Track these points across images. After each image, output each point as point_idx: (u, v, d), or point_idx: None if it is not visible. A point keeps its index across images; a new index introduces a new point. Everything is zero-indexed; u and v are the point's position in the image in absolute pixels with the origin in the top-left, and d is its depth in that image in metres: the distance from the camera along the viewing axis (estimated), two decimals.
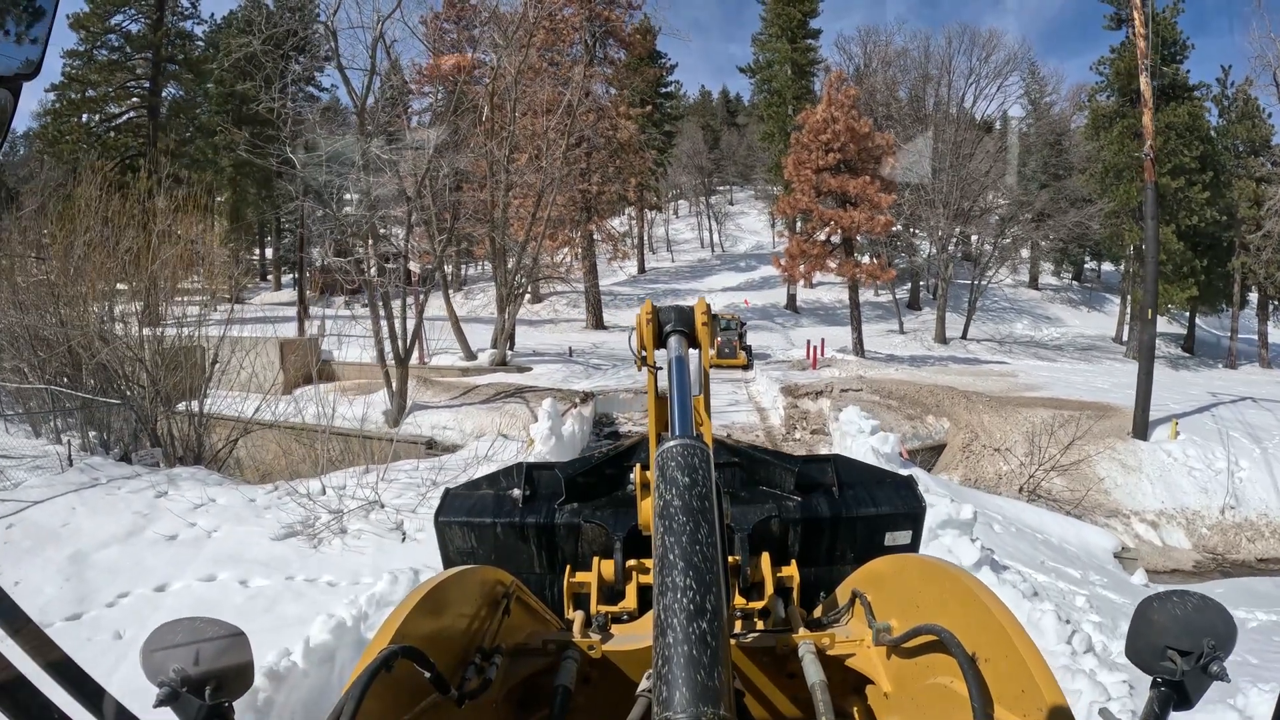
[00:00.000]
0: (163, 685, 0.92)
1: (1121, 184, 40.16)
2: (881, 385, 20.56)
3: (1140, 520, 16.82)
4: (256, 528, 8.70)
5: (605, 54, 38.90)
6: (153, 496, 11.01)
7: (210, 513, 9.88)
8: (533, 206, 22.78)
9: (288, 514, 9.04)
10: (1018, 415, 17.93)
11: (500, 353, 23.76)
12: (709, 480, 1.08)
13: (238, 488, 11.23)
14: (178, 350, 15.10)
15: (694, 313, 2.07)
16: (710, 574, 0.91)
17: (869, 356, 29.63)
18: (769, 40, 48.36)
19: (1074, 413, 18.84)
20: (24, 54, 0.76)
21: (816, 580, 2.63)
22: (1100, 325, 45.59)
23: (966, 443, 17.35)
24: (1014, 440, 17.09)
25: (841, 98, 27.80)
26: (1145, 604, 1.06)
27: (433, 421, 16.62)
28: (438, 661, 1.33)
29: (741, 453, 3.15)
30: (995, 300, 44.06)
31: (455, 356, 24.51)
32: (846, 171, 27.82)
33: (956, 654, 1.24)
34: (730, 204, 70.37)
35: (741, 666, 1.83)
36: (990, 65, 42.91)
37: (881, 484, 2.89)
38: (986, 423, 17.71)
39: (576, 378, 22.78)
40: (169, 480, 11.69)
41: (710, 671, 0.78)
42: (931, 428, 18.21)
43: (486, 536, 2.84)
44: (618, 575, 2.35)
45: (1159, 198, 40.32)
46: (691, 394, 1.70)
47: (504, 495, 2.92)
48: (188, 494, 10.76)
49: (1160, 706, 1.01)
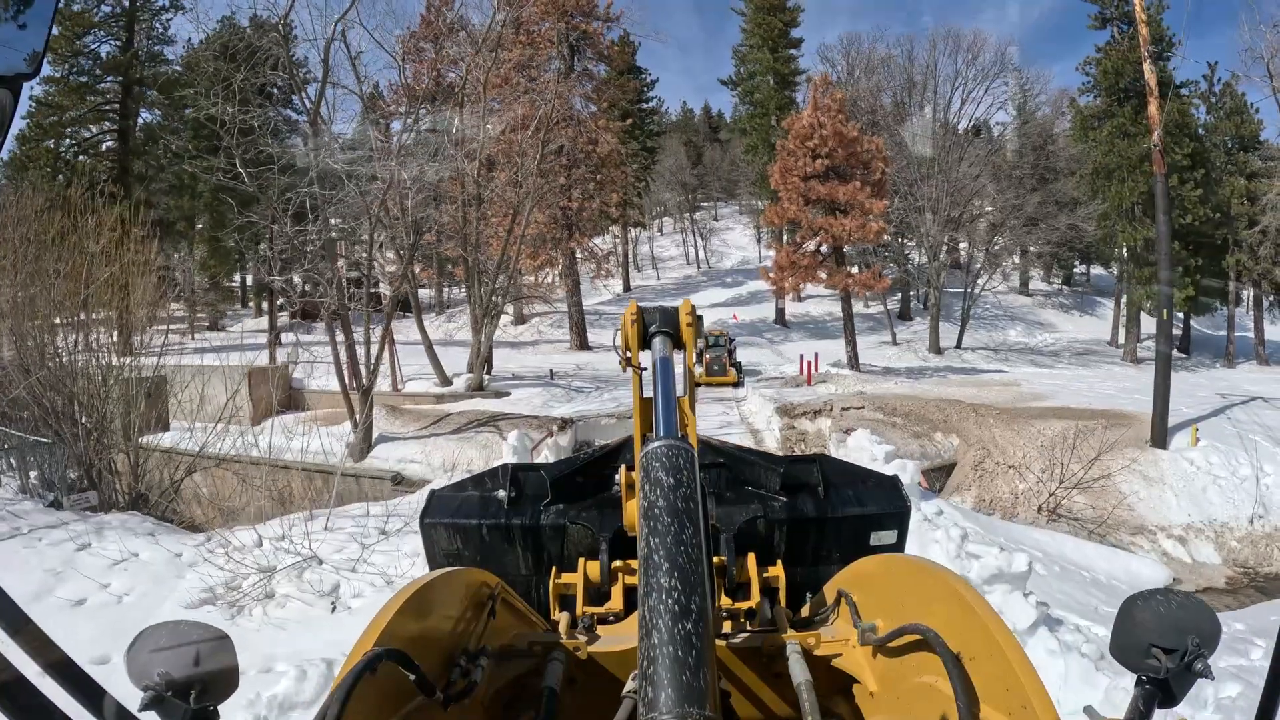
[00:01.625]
0: (147, 689, 0.93)
1: (1113, 184, 39.74)
2: (884, 401, 19.34)
3: (1167, 536, 15.70)
4: (175, 591, 7.41)
5: (584, 68, 38.34)
6: (73, 550, 9.72)
7: (129, 571, 8.58)
8: (509, 223, 21.61)
9: (213, 573, 7.75)
10: (1030, 428, 16.76)
11: (477, 377, 22.41)
12: (694, 481, 1.08)
13: (170, 537, 9.92)
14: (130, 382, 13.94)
15: (679, 314, 2.11)
16: (695, 575, 0.91)
17: (865, 370, 28.45)
18: (750, 51, 47.89)
19: (1087, 423, 17.74)
20: (24, 54, 0.75)
21: (803, 580, 2.58)
22: (1093, 329, 45.15)
23: (978, 460, 16.13)
24: (1028, 455, 15.91)
25: (828, 102, 26.71)
26: (1129, 602, 1.07)
27: (399, 454, 15.28)
28: (423, 664, 1.28)
29: (726, 453, 3.05)
30: (987, 308, 43.26)
31: (430, 382, 23.14)
32: (835, 178, 26.67)
33: (941, 653, 1.22)
34: (715, 220, 69.88)
35: (728, 666, 1.79)
36: (976, 68, 42.22)
37: (867, 484, 2.85)
38: (998, 438, 16.50)
39: (557, 402, 21.44)
40: (96, 530, 10.40)
41: (696, 672, 0.79)
42: (940, 446, 16.99)
43: (472, 538, 2.82)
44: (603, 576, 2.29)
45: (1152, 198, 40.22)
46: (676, 394, 1.73)
47: (489, 496, 2.88)
48: (111, 547, 9.47)
49: (1145, 704, 1.03)
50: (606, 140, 34.31)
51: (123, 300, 13.95)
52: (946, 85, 42.64)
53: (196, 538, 9.49)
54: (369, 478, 14.38)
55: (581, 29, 37.12)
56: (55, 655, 0.89)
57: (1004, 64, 42.55)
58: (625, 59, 45.00)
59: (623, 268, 54.26)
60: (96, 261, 12.81)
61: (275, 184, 14.12)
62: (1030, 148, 42.54)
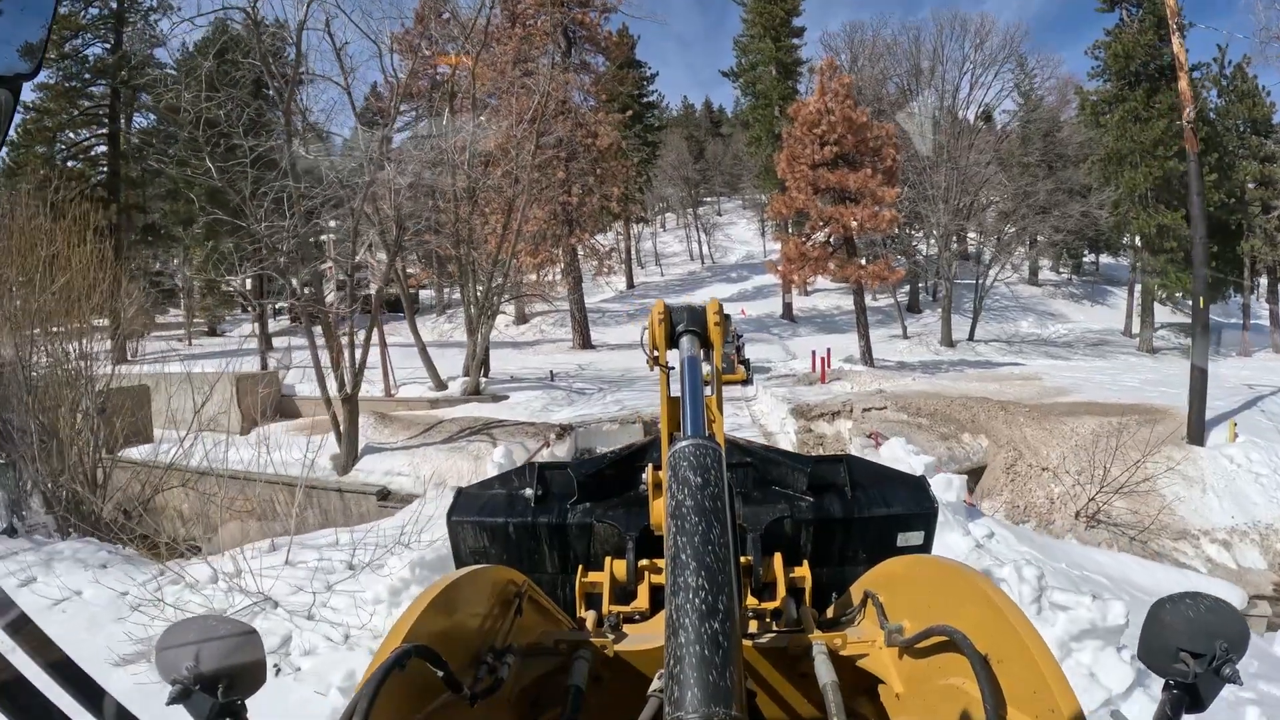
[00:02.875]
0: (175, 683, 0.94)
1: (1125, 170, 38.75)
2: (906, 400, 18.08)
3: (1210, 541, 14.64)
4: (108, 640, 6.40)
5: (581, 59, 37.44)
6: (15, 585, 8.75)
7: (68, 614, 7.58)
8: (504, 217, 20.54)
9: (157, 617, 6.76)
10: (1062, 426, 15.64)
11: (473, 381, 21.33)
12: (721, 481, 1.08)
13: (122, 569, 8.91)
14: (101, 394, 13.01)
15: (706, 313, 2.08)
16: (722, 574, 0.90)
17: (879, 365, 27.34)
18: (751, 41, 46.91)
19: (1118, 419, 16.65)
20: (24, 54, 0.75)
21: (829, 581, 2.56)
22: (1105, 319, 43.99)
23: (1010, 463, 15.00)
24: (1061, 456, 14.80)
25: (836, 86, 25.44)
26: (1158, 606, 1.06)
27: (387, 466, 14.22)
28: (450, 661, 1.30)
29: (753, 453, 3.06)
30: (997, 299, 42.16)
31: (424, 387, 22.10)
32: (845, 165, 25.48)
33: (969, 655, 1.21)
34: (718, 215, 68.94)
35: (754, 666, 1.79)
36: (985, 52, 41.00)
37: (894, 484, 2.83)
38: (1029, 437, 15.38)
39: (557, 405, 20.35)
40: (46, 561, 9.41)
41: (722, 672, 0.78)
42: (969, 447, 15.82)
43: (499, 536, 2.84)
44: (630, 575, 2.30)
45: (1167, 183, 39.34)
46: (703, 394, 1.71)
47: (516, 494, 2.90)
48: (56, 582, 8.50)
49: (1173, 709, 1.01)
50: (606, 133, 33.30)
51: (80, 309, 12.96)
52: (954, 71, 41.42)
53: (151, 569, 8.49)
54: (353, 492, 13.37)
55: (577, 19, 36.24)
56: (55, 655, 0.88)
57: (1013, 48, 41.29)
58: (624, 51, 44.13)
59: (626, 264, 53.39)
60: (50, 268, 11.80)
61: (247, 177, 13.11)
62: (1039, 134, 41.39)
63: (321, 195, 14.17)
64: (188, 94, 13.84)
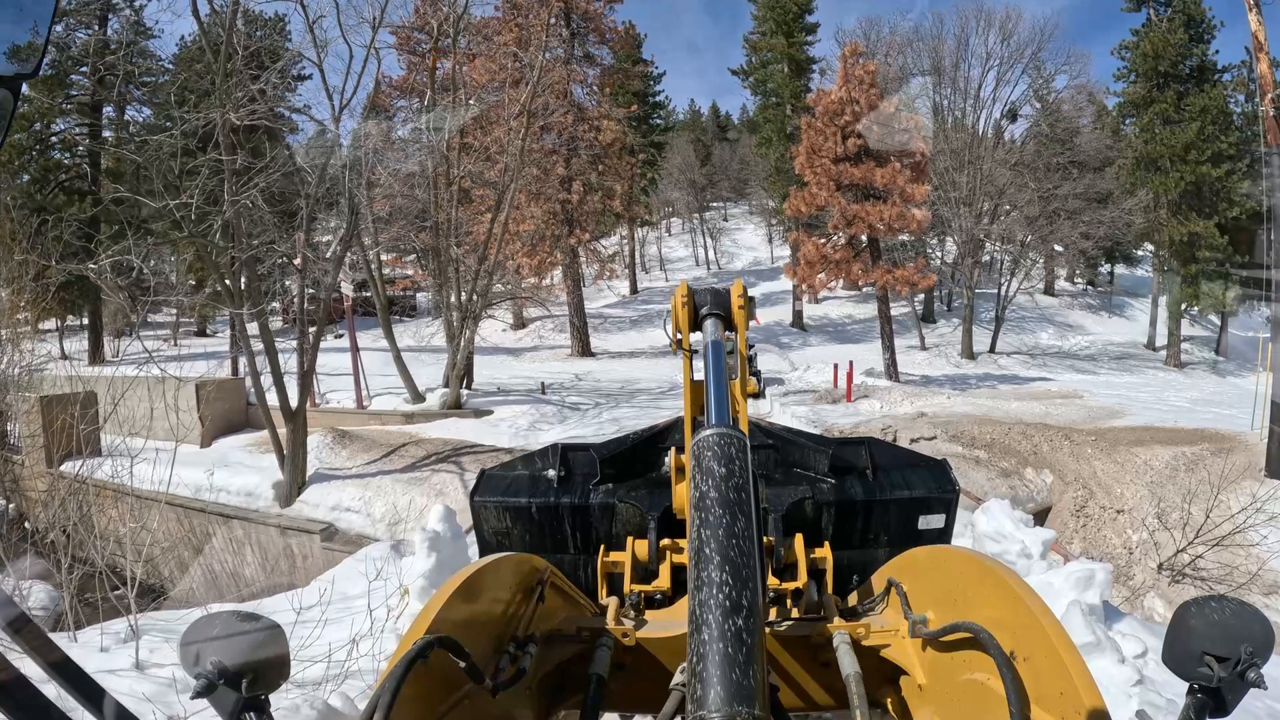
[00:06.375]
0: (199, 677, 0.93)
1: (1155, 175, 36.88)
2: (957, 428, 15.52)
3: None
4: None
5: (585, 52, 35.64)
6: None
7: None
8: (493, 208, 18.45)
9: None
10: (1134, 459, 13.39)
11: (453, 393, 19.09)
12: (746, 471, 1.05)
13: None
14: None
15: (730, 295, 2.08)
16: (747, 569, 0.88)
17: (904, 379, 25.08)
18: (762, 39, 44.98)
19: (1189, 448, 14.49)
20: (24, 53, 0.74)
21: (850, 563, 2.55)
22: (1125, 331, 42.08)
23: (1080, 504, 12.73)
24: (1138, 495, 12.58)
25: (860, 73, 23.22)
26: (1183, 609, 1.04)
27: (336, 499, 12.03)
28: (472, 650, 1.29)
29: (775, 435, 3.03)
30: (1014, 309, 40.02)
31: (401, 398, 19.90)
32: (870, 159, 23.30)
33: (993, 652, 1.19)
34: (725, 220, 67.13)
35: (776, 655, 1.78)
36: (1010, 46, 38.78)
37: (915, 467, 2.80)
38: (1099, 473, 13.13)
39: (546, 423, 18.13)
40: None
41: (745, 670, 0.76)
42: (1033, 485, 13.55)
43: (521, 516, 2.81)
44: (651, 555, 2.27)
45: (1198, 190, 37.38)
46: (728, 379, 1.66)
47: (539, 475, 2.87)
48: None
49: (1196, 713, 0.99)
50: (610, 127, 31.33)
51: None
52: (978, 66, 39.20)
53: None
54: (295, 530, 11.24)
55: (583, 10, 34.48)
56: (55, 655, 0.87)
57: (1042, 41, 39.22)
58: (630, 46, 42.40)
59: (630, 269, 51.50)
60: None
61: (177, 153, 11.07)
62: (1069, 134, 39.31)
63: (278, 170, 12.17)
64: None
